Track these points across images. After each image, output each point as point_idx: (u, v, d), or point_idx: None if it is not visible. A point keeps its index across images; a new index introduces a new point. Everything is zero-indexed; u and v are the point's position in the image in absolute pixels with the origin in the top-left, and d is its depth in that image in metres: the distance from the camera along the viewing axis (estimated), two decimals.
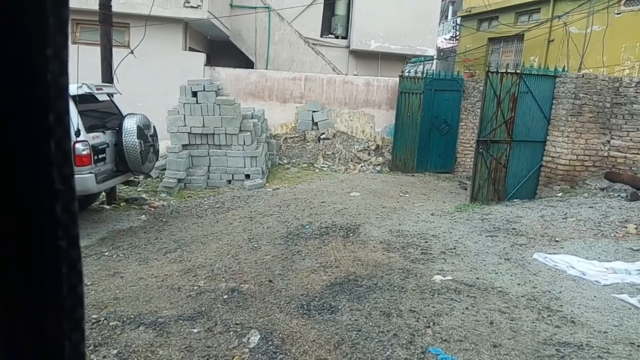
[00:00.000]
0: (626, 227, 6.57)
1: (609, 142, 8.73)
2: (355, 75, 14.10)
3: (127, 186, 8.68)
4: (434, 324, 3.98)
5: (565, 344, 3.69)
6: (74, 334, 0.48)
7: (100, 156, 6.66)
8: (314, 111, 13.17)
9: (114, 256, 5.79)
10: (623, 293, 4.77)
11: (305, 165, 12.50)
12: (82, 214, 7.58)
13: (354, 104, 13.40)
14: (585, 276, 5.25)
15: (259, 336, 3.73)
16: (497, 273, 5.30)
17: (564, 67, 10.08)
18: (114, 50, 8.33)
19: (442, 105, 12.53)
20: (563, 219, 7.25)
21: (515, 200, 9.01)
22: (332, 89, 13.28)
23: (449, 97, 12.53)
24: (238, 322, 3.96)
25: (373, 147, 13.31)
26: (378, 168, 12.67)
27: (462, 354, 3.51)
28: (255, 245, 6.11)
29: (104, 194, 8.17)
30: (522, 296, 4.66)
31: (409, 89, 12.54)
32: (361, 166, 12.64)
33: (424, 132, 12.54)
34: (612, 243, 6.15)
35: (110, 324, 3.91)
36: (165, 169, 9.74)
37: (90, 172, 6.37)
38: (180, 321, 3.97)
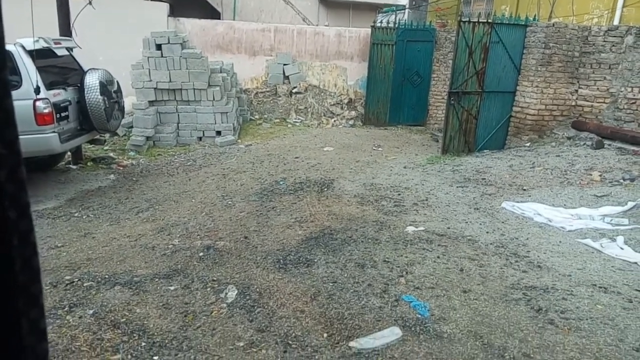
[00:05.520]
0: (591, 175, 6.79)
1: (576, 91, 8.87)
2: (326, 26, 13.73)
3: (93, 145, 8.40)
4: (407, 273, 4.09)
5: (532, 287, 3.86)
6: (32, 312, 0.44)
7: (62, 114, 6.38)
8: (284, 64, 12.85)
9: (84, 217, 5.67)
10: (587, 238, 4.99)
11: (278, 120, 12.33)
12: (48, 175, 7.34)
13: (326, 56, 13.12)
14: (551, 223, 5.45)
15: (236, 291, 3.77)
16: (467, 222, 5.44)
17: (535, 16, 10.03)
18: (71, 1, 7.82)
19: (415, 57, 12.39)
20: (531, 168, 7.44)
21: (485, 151, 9.16)
22: (303, 40, 12.93)
23: (421, 48, 12.38)
24: (215, 279, 3.98)
25: (346, 101, 13.18)
26: (351, 122, 12.60)
27: (434, 300, 3.64)
28: (229, 202, 6.07)
29: (69, 153, 7.90)
30: (491, 244, 4.82)
31: (381, 40, 12.32)
32: (334, 120, 12.55)
33: (396, 85, 12.45)
34: (577, 190, 6.38)
35: (85, 284, 3.87)
36: (132, 127, 9.44)
37: (54, 131, 6.12)
38: (156, 279, 3.96)
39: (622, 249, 4.66)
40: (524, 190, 6.65)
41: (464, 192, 6.63)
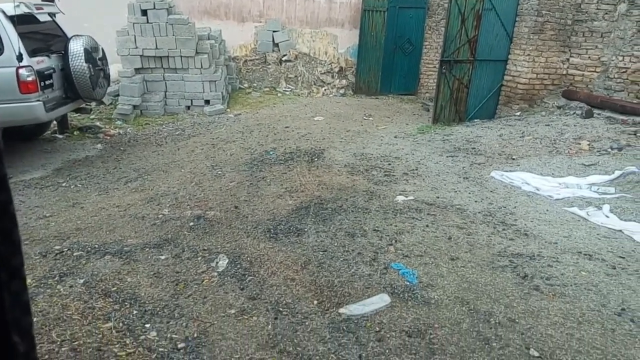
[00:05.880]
0: (579, 144, 6.84)
1: (568, 60, 8.82)
2: None
3: (79, 114, 8.25)
4: (396, 241, 4.13)
5: (518, 255, 3.93)
6: (14, 284, 0.43)
7: (47, 82, 6.23)
8: (274, 31, 12.59)
9: (72, 187, 5.62)
10: (573, 206, 5.06)
11: (267, 89, 12.16)
12: (33, 145, 7.23)
13: (316, 23, 12.86)
14: (539, 191, 5.51)
15: (227, 260, 3.79)
16: (456, 192, 5.48)
17: None
18: None
19: (406, 24, 12.18)
20: (520, 137, 7.46)
21: (475, 120, 9.15)
22: (293, 6, 12.62)
23: (414, 14, 12.16)
24: (205, 248, 3.99)
25: (336, 69, 13.00)
26: (342, 91, 12.47)
27: (422, 267, 3.70)
28: (219, 172, 6.04)
29: (55, 122, 7.76)
30: (479, 212, 4.87)
31: (373, 7, 12.06)
32: (325, 89, 12.41)
33: (387, 53, 12.28)
34: (565, 159, 6.42)
35: (74, 254, 3.86)
36: (118, 95, 9.26)
37: (38, 100, 5.98)
38: (147, 249, 3.96)
39: (607, 217, 4.74)
40: (513, 159, 6.68)
41: (453, 162, 6.66)
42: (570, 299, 3.28)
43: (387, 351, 2.75)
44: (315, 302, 3.25)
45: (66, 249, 3.94)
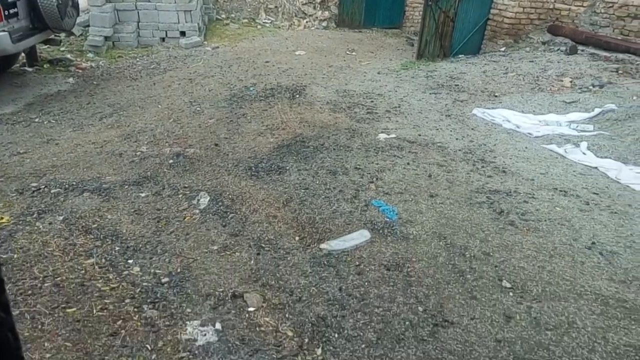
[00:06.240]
0: (562, 81, 6.82)
1: None
2: None
3: (48, 46, 7.83)
4: (377, 179, 4.17)
5: (496, 191, 4.01)
6: None
7: (11, 11, 5.83)
8: None
9: (45, 122, 5.43)
10: (552, 144, 5.12)
11: (246, 20, 11.64)
12: (2, 78, 6.88)
13: None
14: (519, 129, 5.55)
15: (208, 198, 3.78)
16: (438, 129, 5.48)
17: None
18: None
19: None
20: (504, 74, 7.40)
21: (460, 56, 9.00)
22: None
23: None
24: (186, 186, 3.96)
25: (318, 0, 12.45)
26: (324, 24, 12.03)
27: (402, 204, 3.76)
28: (198, 108, 5.89)
29: (23, 55, 7.35)
30: (460, 150, 4.90)
31: None
32: (306, 22, 11.95)
33: None
34: (547, 96, 6.43)
35: (52, 191, 3.80)
36: (89, 26, 8.77)
37: (3, 30, 5.62)
38: (126, 186, 3.92)
39: (584, 154, 4.83)
40: (496, 96, 6.66)
41: (436, 99, 6.60)
42: (543, 234, 3.40)
43: (366, 284, 2.85)
44: (297, 238, 3.31)
45: (43, 186, 3.87)
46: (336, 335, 2.45)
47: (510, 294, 2.77)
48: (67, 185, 3.89)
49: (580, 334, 2.47)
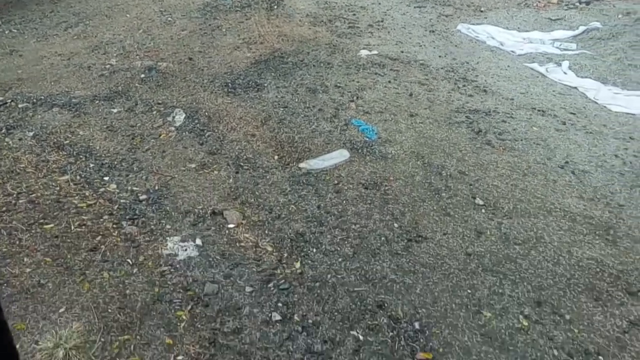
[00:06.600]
0: None
1: None
2: None
3: None
4: (357, 98, 4.09)
5: (475, 111, 4.01)
6: None
7: None
8: None
9: (7, 32, 5.08)
10: (534, 62, 5.06)
11: None
12: None
13: None
14: (502, 46, 5.44)
15: (184, 115, 3.68)
16: (421, 46, 5.33)
17: None
18: None
19: None
20: None
21: None
22: None
23: None
24: (160, 102, 3.83)
25: None
26: None
27: (382, 124, 3.73)
28: (169, 19, 5.55)
29: None
30: (442, 68, 4.81)
31: None
32: None
33: None
34: (533, 13, 6.24)
35: (19, 106, 3.64)
36: None
37: None
38: (97, 101, 3.77)
39: (565, 73, 4.80)
40: (482, 11, 6.44)
41: (421, 13, 6.35)
42: (519, 153, 3.45)
43: (344, 202, 2.89)
44: (276, 157, 3.29)
45: (9, 100, 3.70)
46: (314, 250, 2.53)
47: (483, 210, 2.87)
48: (35, 100, 3.73)
49: (547, 249, 2.60)
